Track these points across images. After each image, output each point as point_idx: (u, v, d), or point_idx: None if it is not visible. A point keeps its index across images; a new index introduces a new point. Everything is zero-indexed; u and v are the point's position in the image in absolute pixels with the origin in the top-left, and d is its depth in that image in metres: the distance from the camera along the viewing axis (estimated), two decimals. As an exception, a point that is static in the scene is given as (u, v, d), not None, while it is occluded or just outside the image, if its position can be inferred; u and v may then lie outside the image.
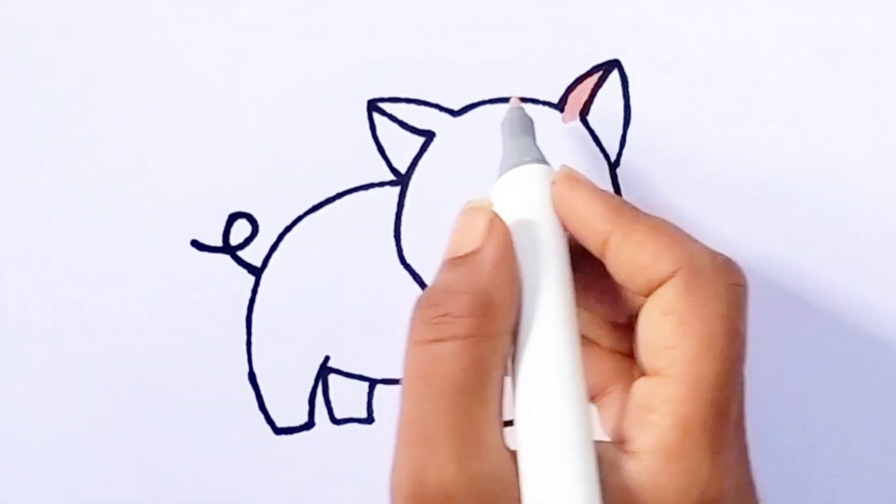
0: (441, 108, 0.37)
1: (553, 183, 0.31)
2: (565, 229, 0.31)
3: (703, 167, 0.37)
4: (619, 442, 0.29)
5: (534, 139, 0.34)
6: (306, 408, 0.38)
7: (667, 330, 0.29)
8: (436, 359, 0.28)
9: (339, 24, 0.36)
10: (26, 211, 0.37)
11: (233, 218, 0.37)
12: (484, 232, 0.30)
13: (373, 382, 0.38)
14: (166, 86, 0.36)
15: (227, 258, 0.37)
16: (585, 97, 0.37)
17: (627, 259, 0.30)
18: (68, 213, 0.37)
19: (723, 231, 0.37)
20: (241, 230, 0.37)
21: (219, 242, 0.37)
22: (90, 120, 0.36)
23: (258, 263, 0.37)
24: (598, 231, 0.30)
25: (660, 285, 0.29)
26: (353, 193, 0.37)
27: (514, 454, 0.28)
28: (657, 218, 0.31)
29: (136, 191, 0.37)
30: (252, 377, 0.38)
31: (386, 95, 0.37)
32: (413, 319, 0.29)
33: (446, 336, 0.28)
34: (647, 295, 0.30)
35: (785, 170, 0.37)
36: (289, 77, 0.36)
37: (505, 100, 0.37)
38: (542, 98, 0.37)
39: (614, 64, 0.37)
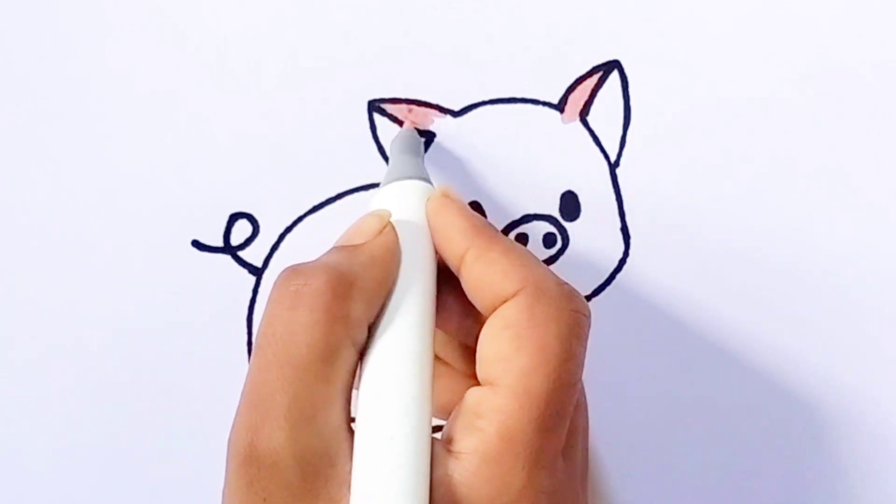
0: (441, 109, 0.37)
1: (427, 199, 0.33)
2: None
3: (703, 167, 0.37)
4: (447, 441, 0.29)
5: (422, 160, 0.35)
6: (307, 408, 0.38)
7: (504, 343, 0.29)
8: (287, 328, 0.29)
9: (339, 23, 0.36)
10: (26, 211, 0.37)
11: (233, 218, 0.37)
12: (375, 231, 0.31)
13: (373, 382, 0.38)
14: (166, 86, 0.36)
15: (227, 258, 0.37)
16: (585, 97, 0.37)
17: (478, 275, 0.31)
18: (68, 214, 0.37)
19: (722, 230, 0.37)
20: (241, 230, 0.37)
21: (219, 243, 0.37)
22: (90, 120, 0.36)
23: (259, 264, 0.37)
24: (456, 246, 0.31)
25: (504, 302, 0.30)
26: (353, 193, 0.37)
27: (351, 437, 0.29)
28: (515, 242, 0.32)
29: (137, 191, 0.37)
30: (253, 377, 0.38)
31: (386, 95, 0.37)
32: (274, 286, 0.30)
33: (302, 305, 0.29)
34: (492, 312, 0.31)
35: (785, 169, 0.37)
36: (289, 77, 0.36)
37: (505, 100, 0.37)
38: (542, 98, 0.37)
39: (614, 64, 0.37)
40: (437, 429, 0.30)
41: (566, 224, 0.37)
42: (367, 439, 0.28)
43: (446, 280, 0.32)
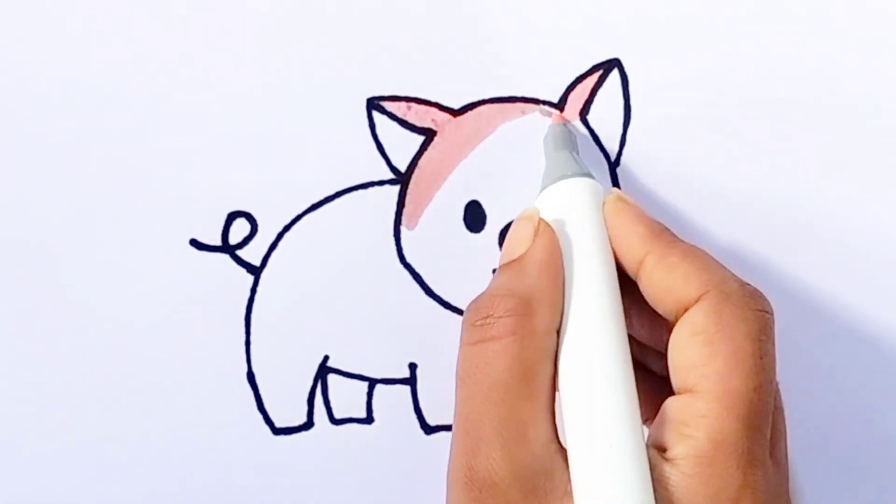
0: (441, 108, 0.37)
1: (604, 202, 0.33)
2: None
3: (703, 166, 0.37)
4: (659, 449, 0.30)
5: (577, 153, 0.35)
6: (305, 408, 0.38)
7: (695, 350, 0.30)
8: (481, 358, 0.30)
9: (339, 23, 0.36)
10: (25, 210, 0.37)
11: (232, 217, 0.37)
12: (531, 236, 0.32)
13: (372, 382, 0.38)
14: (165, 85, 0.36)
15: (226, 257, 0.37)
16: (585, 96, 0.37)
17: (659, 281, 0.31)
18: (67, 213, 0.37)
19: (722, 230, 0.37)
20: (240, 229, 0.37)
21: (218, 241, 0.37)
22: (89, 119, 0.36)
23: (257, 263, 0.37)
24: (635, 251, 0.32)
25: (688, 308, 0.31)
26: (352, 192, 0.37)
27: (562, 448, 0.30)
28: (693, 246, 0.32)
29: (135, 190, 0.37)
30: (251, 377, 0.38)
31: (385, 93, 0.37)
32: (463, 323, 0.31)
33: (489, 336, 0.30)
34: (676, 318, 0.31)
35: (784, 169, 0.37)
36: (288, 75, 0.36)
37: (505, 99, 0.37)
38: (542, 98, 0.37)
39: (614, 63, 0.37)
40: None
41: (566, 223, 0.37)
42: (584, 447, 0.29)
43: (625, 284, 0.32)
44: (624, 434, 0.29)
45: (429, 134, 0.37)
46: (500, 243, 0.37)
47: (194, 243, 0.37)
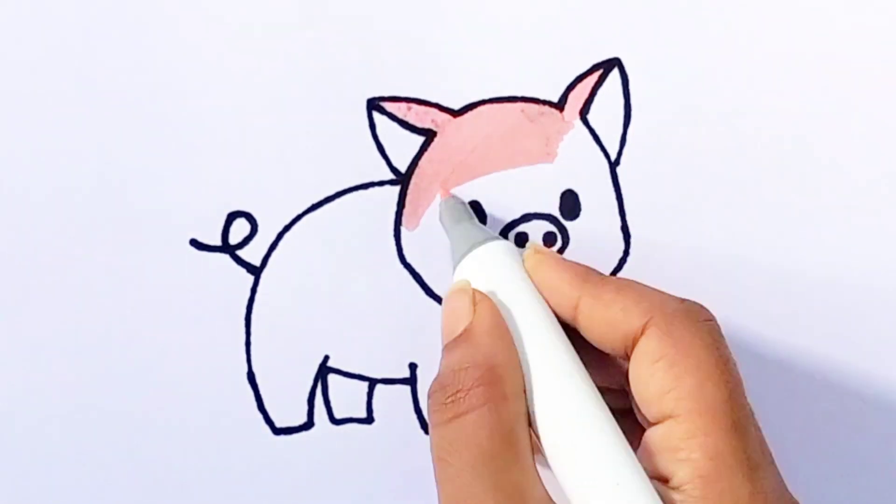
0: (441, 108, 0.37)
1: (525, 257, 0.33)
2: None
3: (703, 166, 0.37)
4: (660, 481, 0.30)
5: (476, 221, 0.36)
6: (305, 408, 0.38)
7: (660, 376, 0.30)
8: (460, 434, 0.30)
9: (340, 23, 0.36)
10: (25, 210, 0.37)
11: (232, 217, 0.37)
12: (469, 308, 0.32)
13: (372, 382, 0.38)
14: (165, 85, 0.36)
15: (226, 257, 0.37)
16: (586, 96, 0.37)
17: (599, 319, 0.31)
18: (67, 212, 0.37)
19: (722, 230, 0.37)
20: (240, 229, 0.37)
21: (218, 241, 0.37)
22: (89, 119, 0.36)
23: (257, 263, 0.37)
24: (567, 297, 0.32)
25: (635, 338, 0.31)
26: (352, 192, 0.37)
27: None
28: (622, 279, 0.33)
29: (135, 190, 0.37)
30: (251, 377, 0.38)
31: (385, 94, 0.37)
32: (430, 407, 0.31)
33: (463, 410, 0.30)
34: (624, 350, 0.31)
35: (784, 169, 0.37)
36: (289, 76, 0.36)
37: (505, 99, 0.37)
38: (542, 97, 0.37)
39: (615, 62, 0.37)
40: None
41: (566, 223, 0.37)
42: (591, 494, 0.29)
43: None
44: (628, 471, 0.29)
45: (429, 134, 0.37)
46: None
47: (194, 243, 0.37)
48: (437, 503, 0.30)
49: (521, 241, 0.37)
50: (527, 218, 0.37)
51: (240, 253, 0.37)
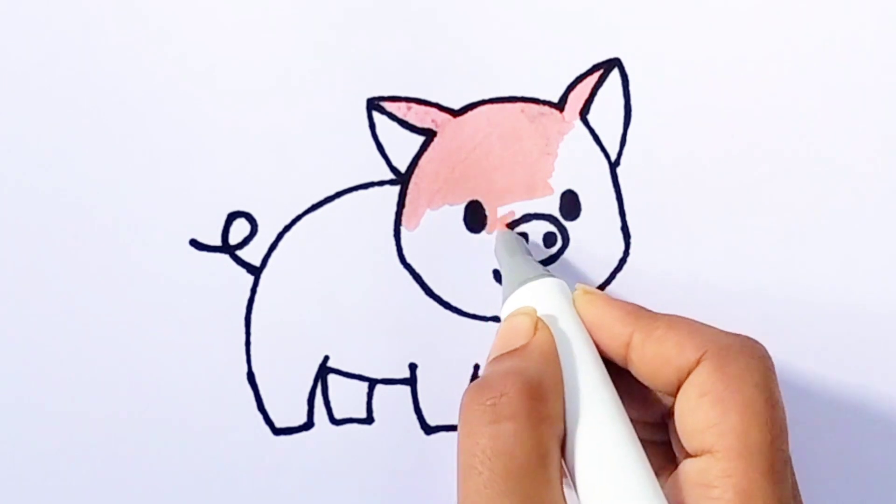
0: (441, 107, 0.37)
1: (575, 297, 0.33)
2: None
3: (703, 166, 0.37)
4: None
5: (530, 256, 0.36)
6: (305, 408, 0.38)
7: (706, 410, 0.30)
8: (496, 441, 0.29)
9: (340, 23, 0.36)
10: (25, 210, 0.37)
11: (232, 217, 0.37)
12: (531, 329, 0.31)
13: (372, 382, 0.38)
14: (165, 85, 0.36)
15: (226, 257, 0.37)
16: (586, 96, 0.37)
17: (652, 356, 0.31)
18: (67, 213, 0.37)
19: (723, 230, 0.37)
20: (240, 229, 0.37)
21: (218, 242, 0.37)
22: (89, 119, 0.36)
23: (257, 263, 0.37)
24: (619, 335, 0.32)
25: (689, 373, 0.30)
26: (352, 192, 0.37)
27: None
28: (673, 315, 0.32)
29: (135, 190, 0.37)
30: (251, 377, 0.38)
31: (385, 94, 0.37)
32: (466, 406, 0.30)
33: (504, 416, 0.29)
34: (677, 388, 0.31)
35: (784, 169, 0.37)
36: (289, 76, 0.36)
37: (505, 99, 0.37)
38: (542, 97, 0.37)
39: (615, 63, 0.37)
40: None
41: (566, 223, 0.37)
42: None
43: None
44: None
45: (429, 134, 0.37)
46: (501, 243, 0.37)
47: (194, 243, 0.37)
48: None
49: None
50: (527, 218, 0.37)
51: (240, 253, 0.37)
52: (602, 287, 0.38)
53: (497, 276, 0.37)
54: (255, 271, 0.37)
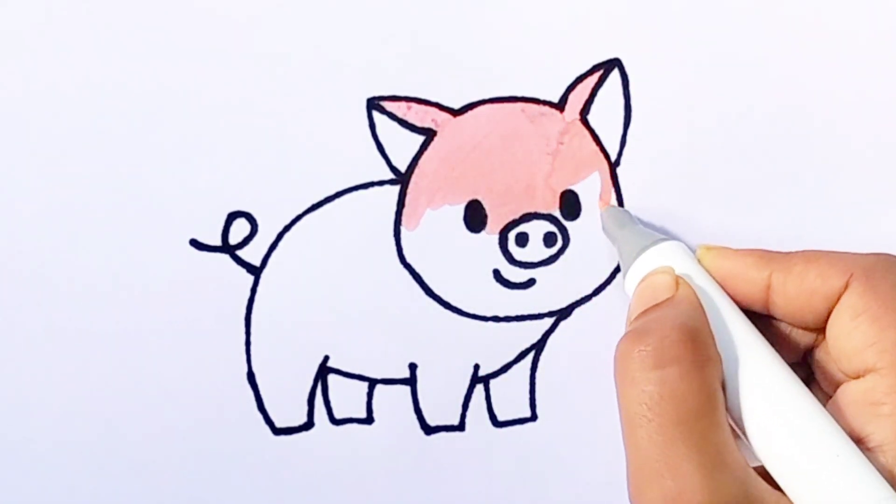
0: (441, 107, 0.37)
1: (699, 256, 0.34)
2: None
3: (703, 167, 0.37)
4: (856, 441, 0.29)
5: (641, 225, 0.36)
6: (305, 408, 0.38)
7: (864, 330, 0.30)
8: (664, 387, 0.29)
9: (340, 23, 0.36)
10: (25, 210, 0.37)
11: (232, 217, 0.37)
12: (673, 284, 0.32)
13: (372, 382, 0.38)
14: (165, 85, 0.36)
15: (226, 257, 0.37)
16: (586, 96, 0.37)
17: (796, 292, 0.32)
18: (67, 213, 0.37)
19: (722, 230, 0.37)
20: (240, 229, 0.37)
21: (218, 242, 0.37)
22: (89, 119, 0.36)
23: (257, 263, 0.37)
24: (756, 279, 0.32)
25: (838, 299, 0.31)
26: (352, 192, 0.37)
27: (758, 473, 0.29)
28: (804, 250, 0.33)
29: (135, 190, 0.37)
30: (251, 377, 0.38)
31: (385, 93, 0.37)
32: (623, 354, 0.30)
33: (668, 360, 0.29)
34: (825, 318, 0.31)
35: (785, 169, 0.37)
36: (289, 75, 0.36)
37: (505, 99, 0.37)
38: (542, 97, 0.37)
39: (615, 63, 0.37)
40: None
41: (567, 223, 0.37)
42: (804, 463, 0.28)
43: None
44: (842, 442, 0.29)
45: (429, 134, 0.37)
46: (501, 243, 0.37)
47: (194, 243, 0.37)
48: (626, 467, 0.29)
49: (522, 241, 0.37)
50: (527, 218, 0.37)
51: (240, 253, 0.37)
52: (602, 287, 0.38)
53: (497, 276, 0.37)
54: (255, 271, 0.37)
